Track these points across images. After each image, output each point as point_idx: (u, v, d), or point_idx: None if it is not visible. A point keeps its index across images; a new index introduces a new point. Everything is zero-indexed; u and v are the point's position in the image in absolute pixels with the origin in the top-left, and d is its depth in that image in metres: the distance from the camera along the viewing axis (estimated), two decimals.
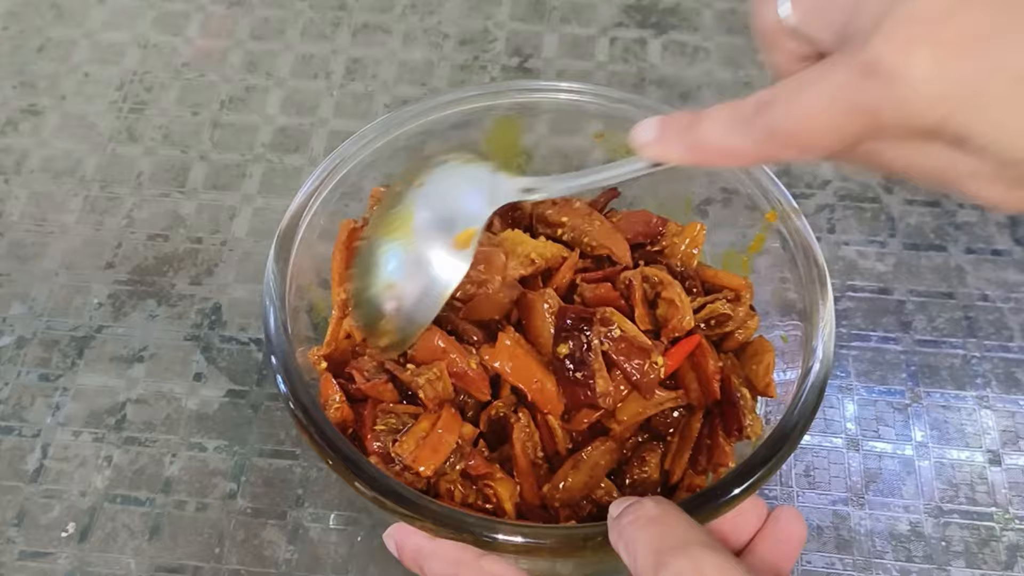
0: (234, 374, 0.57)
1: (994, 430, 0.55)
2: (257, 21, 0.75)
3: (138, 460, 0.54)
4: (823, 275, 0.43)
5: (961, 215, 0.63)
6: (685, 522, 0.32)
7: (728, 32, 0.74)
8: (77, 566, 0.51)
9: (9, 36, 0.75)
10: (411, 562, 0.38)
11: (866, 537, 0.51)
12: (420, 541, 0.37)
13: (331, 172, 0.47)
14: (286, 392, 0.39)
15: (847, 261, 0.61)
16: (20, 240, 0.63)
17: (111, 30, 0.75)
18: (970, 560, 0.50)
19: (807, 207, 0.63)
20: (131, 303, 0.60)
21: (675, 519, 0.33)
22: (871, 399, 0.56)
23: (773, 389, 0.45)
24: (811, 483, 0.53)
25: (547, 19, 0.75)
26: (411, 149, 0.50)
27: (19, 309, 0.60)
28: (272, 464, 0.54)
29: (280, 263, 0.43)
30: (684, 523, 0.32)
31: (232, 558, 0.51)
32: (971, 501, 0.52)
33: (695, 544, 0.31)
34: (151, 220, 0.64)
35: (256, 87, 0.71)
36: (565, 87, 0.50)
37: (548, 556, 0.36)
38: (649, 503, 0.34)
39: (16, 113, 0.70)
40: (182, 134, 0.69)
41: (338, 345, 0.46)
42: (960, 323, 0.58)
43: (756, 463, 0.38)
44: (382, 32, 0.74)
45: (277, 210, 0.64)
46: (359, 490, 0.37)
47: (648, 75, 0.71)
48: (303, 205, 0.45)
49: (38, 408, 0.56)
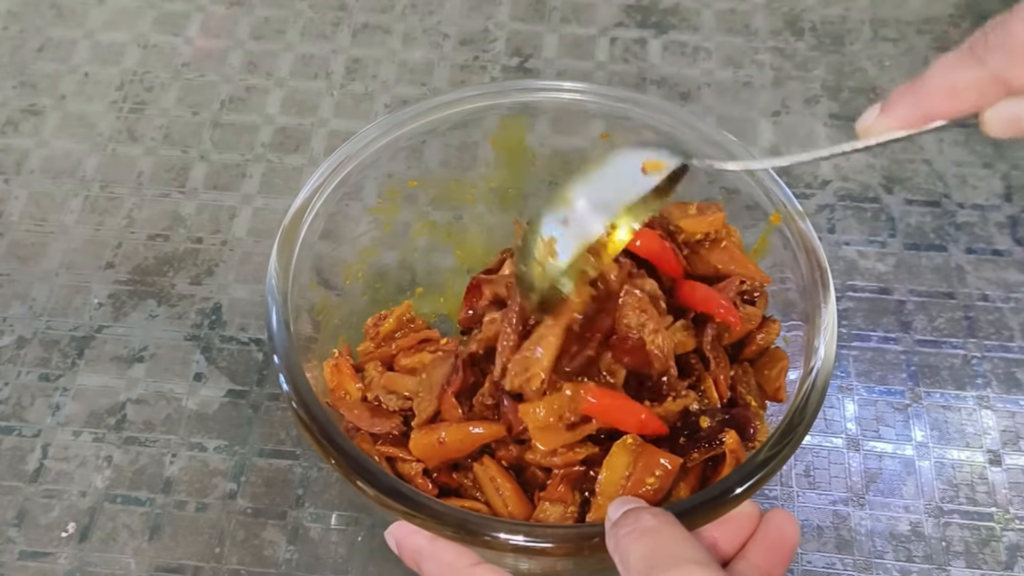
0: (234, 374, 0.57)
1: (994, 430, 0.55)
2: (257, 21, 0.75)
3: (138, 460, 0.54)
4: (826, 278, 0.43)
5: (961, 215, 0.63)
6: (680, 537, 0.32)
7: (728, 32, 0.74)
8: (77, 566, 0.50)
9: (9, 36, 0.75)
10: (410, 561, 0.38)
11: (866, 537, 0.51)
12: (419, 542, 0.37)
13: (333, 171, 0.47)
14: (288, 391, 0.39)
15: (847, 261, 0.61)
16: (20, 240, 0.63)
17: (111, 30, 0.75)
18: (970, 560, 0.50)
19: (807, 207, 0.63)
20: (131, 303, 0.60)
21: (670, 533, 0.32)
22: (871, 399, 0.56)
23: (783, 393, 0.45)
24: (811, 483, 0.53)
25: (547, 19, 0.75)
26: (411, 149, 0.50)
27: (19, 309, 0.60)
28: (272, 464, 0.54)
29: (282, 261, 0.44)
30: (679, 538, 0.32)
31: (232, 558, 0.51)
32: (971, 501, 0.52)
33: (688, 562, 0.30)
34: (151, 220, 0.64)
35: (256, 87, 0.71)
36: (567, 87, 0.50)
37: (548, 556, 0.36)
38: (647, 515, 0.33)
39: (16, 113, 0.70)
40: (182, 134, 0.69)
41: None
42: (960, 323, 0.59)
43: (757, 463, 0.37)
44: (382, 32, 0.74)
45: (277, 210, 0.64)
46: (360, 489, 0.37)
47: (648, 75, 0.71)
48: (305, 204, 0.46)
49: (38, 408, 0.56)
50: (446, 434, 0.41)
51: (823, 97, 0.70)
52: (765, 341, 0.47)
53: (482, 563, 0.36)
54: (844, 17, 0.75)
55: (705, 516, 0.36)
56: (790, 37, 0.74)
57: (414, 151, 0.50)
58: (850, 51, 0.72)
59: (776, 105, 0.69)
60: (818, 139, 0.68)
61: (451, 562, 0.36)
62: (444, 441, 0.41)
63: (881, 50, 0.72)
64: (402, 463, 0.43)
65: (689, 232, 0.48)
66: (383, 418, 0.45)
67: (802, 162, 0.37)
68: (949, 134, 0.67)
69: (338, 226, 0.48)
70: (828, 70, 0.71)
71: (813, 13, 0.75)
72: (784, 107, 0.69)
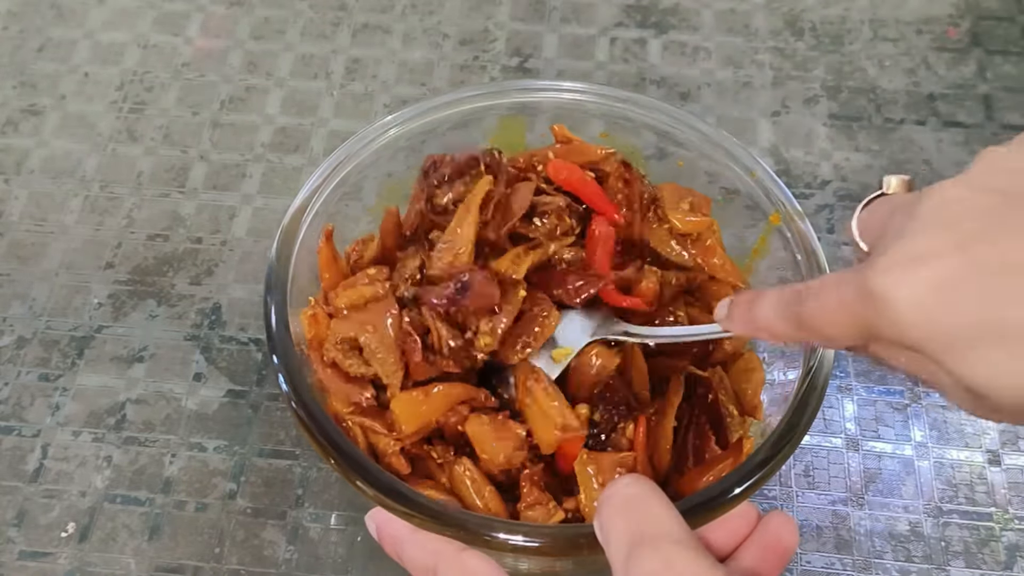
0: (234, 374, 0.57)
1: (993, 430, 0.55)
2: (257, 21, 0.75)
3: (138, 460, 0.54)
4: None
5: None
6: (662, 509, 0.31)
7: (728, 32, 0.74)
8: (77, 566, 0.50)
9: (9, 36, 0.75)
10: (390, 549, 0.37)
11: (866, 537, 0.51)
12: (399, 529, 0.37)
13: (333, 171, 0.47)
14: (287, 390, 0.39)
15: (847, 261, 0.61)
16: (20, 240, 0.63)
17: (111, 30, 0.75)
18: (969, 560, 0.50)
19: (807, 207, 0.63)
20: (131, 303, 0.60)
21: (652, 504, 0.31)
22: (870, 399, 0.56)
23: (760, 412, 0.45)
24: (811, 483, 0.53)
25: (547, 19, 0.75)
26: (411, 149, 0.50)
27: (19, 309, 0.60)
28: (272, 464, 0.54)
29: (282, 261, 0.44)
30: (661, 511, 0.31)
31: (232, 558, 0.51)
32: (970, 501, 0.52)
33: (668, 540, 0.30)
34: (151, 220, 0.64)
35: (256, 87, 0.71)
36: (566, 87, 0.50)
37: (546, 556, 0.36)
38: (626, 479, 0.33)
39: (16, 113, 0.70)
40: (182, 134, 0.69)
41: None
42: None
43: (756, 463, 0.38)
44: (382, 32, 0.74)
45: (277, 210, 0.64)
46: (360, 488, 0.37)
47: (648, 75, 0.71)
48: (305, 204, 0.46)
49: (38, 408, 0.56)
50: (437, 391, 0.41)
51: (823, 97, 0.70)
52: (733, 347, 0.47)
53: (468, 548, 0.35)
54: (844, 17, 0.75)
55: (704, 516, 0.36)
56: (790, 37, 0.74)
57: (414, 151, 0.50)
58: (850, 51, 0.72)
59: (776, 105, 0.69)
60: (818, 139, 0.68)
61: (436, 547, 0.36)
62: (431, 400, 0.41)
63: (881, 50, 0.73)
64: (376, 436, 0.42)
65: (675, 227, 0.48)
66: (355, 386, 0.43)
67: (673, 337, 0.44)
68: (949, 134, 0.67)
69: (338, 226, 0.48)
70: (828, 70, 0.71)
71: (813, 13, 0.75)
72: (784, 107, 0.69)
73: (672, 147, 0.49)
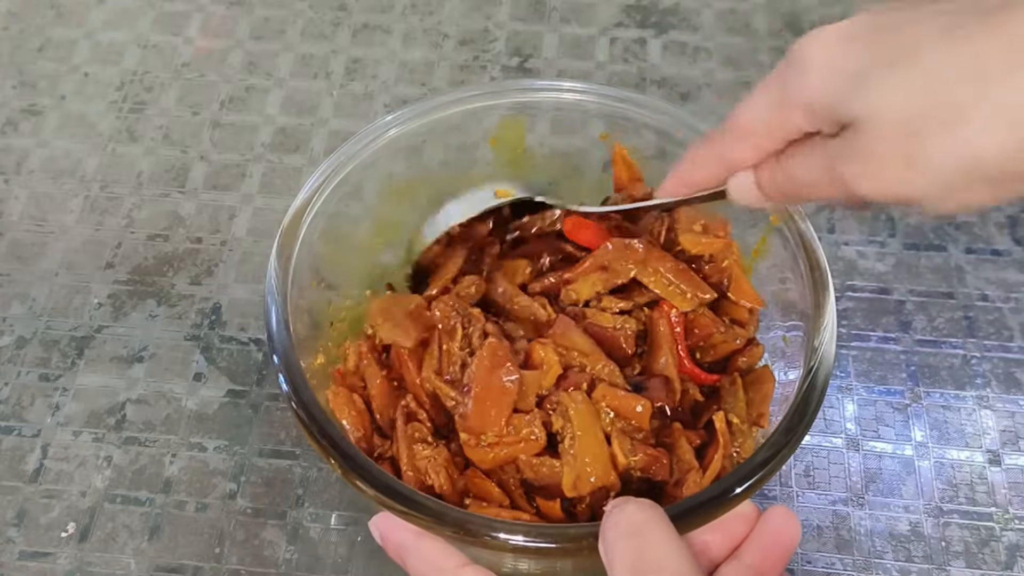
0: (234, 374, 0.57)
1: (994, 430, 0.55)
2: (257, 21, 0.75)
3: (138, 460, 0.54)
4: (825, 278, 0.43)
5: (960, 215, 0.63)
6: (667, 538, 0.31)
7: (728, 32, 0.74)
8: (77, 566, 0.50)
9: (9, 36, 0.75)
10: (394, 555, 0.37)
11: (866, 537, 0.51)
12: (405, 537, 0.36)
13: (333, 171, 0.47)
14: (288, 391, 0.39)
15: (847, 261, 0.61)
16: (20, 240, 0.63)
17: (111, 30, 0.75)
18: (970, 560, 0.50)
19: (807, 207, 0.63)
20: (131, 303, 0.60)
21: (657, 533, 0.31)
22: (871, 399, 0.56)
23: (766, 420, 0.44)
24: (811, 483, 0.53)
25: (547, 19, 0.75)
26: (411, 149, 0.50)
27: (19, 309, 0.60)
28: (272, 464, 0.54)
29: (282, 261, 0.44)
30: (665, 540, 0.31)
31: (232, 558, 0.51)
32: (971, 501, 0.52)
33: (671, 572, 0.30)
34: (151, 220, 0.64)
35: (256, 87, 0.71)
36: (566, 87, 0.50)
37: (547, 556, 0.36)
38: (631, 507, 0.32)
39: (16, 113, 0.70)
40: (182, 134, 0.69)
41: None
42: (960, 323, 0.59)
43: (757, 463, 0.37)
44: (382, 32, 0.74)
45: (277, 210, 0.64)
46: (360, 489, 0.37)
47: (648, 75, 0.71)
48: (305, 204, 0.46)
49: (38, 408, 0.56)
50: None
51: None
52: (746, 364, 0.47)
53: (470, 564, 0.35)
54: (844, 17, 0.75)
55: (704, 516, 0.36)
56: (790, 37, 0.73)
57: (414, 151, 0.50)
58: None
59: None
60: None
61: (438, 562, 0.36)
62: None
63: None
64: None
65: (686, 249, 0.47)
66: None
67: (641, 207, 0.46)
68: None
69: (338, 226, 0.48)
70: None
71: (813, 13, 0.75)
72: None
73: (672, 147, 0.49)
